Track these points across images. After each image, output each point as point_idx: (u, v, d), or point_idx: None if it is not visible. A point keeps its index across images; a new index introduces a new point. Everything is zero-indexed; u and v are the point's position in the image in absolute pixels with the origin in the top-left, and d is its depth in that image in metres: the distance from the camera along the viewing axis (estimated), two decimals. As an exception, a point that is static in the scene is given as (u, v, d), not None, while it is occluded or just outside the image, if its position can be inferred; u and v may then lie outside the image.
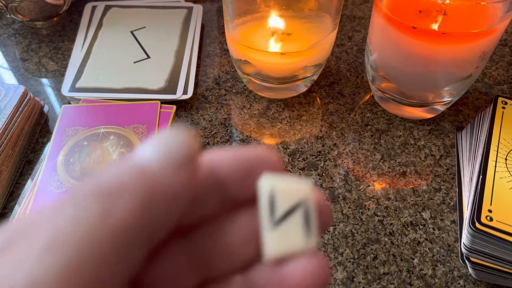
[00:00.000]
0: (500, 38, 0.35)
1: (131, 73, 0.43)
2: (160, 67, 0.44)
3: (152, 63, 0.45)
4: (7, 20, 0.53)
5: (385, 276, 0.30)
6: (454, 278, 0.30)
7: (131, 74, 0.43)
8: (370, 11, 0.54)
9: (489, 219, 0.28)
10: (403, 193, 0.35)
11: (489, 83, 0.45)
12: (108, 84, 0.42)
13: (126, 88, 0.42)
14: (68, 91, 0.42)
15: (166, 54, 0.46)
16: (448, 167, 0.37)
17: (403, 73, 0.36)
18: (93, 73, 0.43)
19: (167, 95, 0.41)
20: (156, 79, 0.43)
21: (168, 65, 0.44)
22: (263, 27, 0.39)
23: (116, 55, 0.45)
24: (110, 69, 0.44)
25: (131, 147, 0.35)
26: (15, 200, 0.35)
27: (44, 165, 0.34)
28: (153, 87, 0.42)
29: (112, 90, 0.42)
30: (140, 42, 0.47)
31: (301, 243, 0.13)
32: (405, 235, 0.33)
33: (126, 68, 0.44)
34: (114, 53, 0.46)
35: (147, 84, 0.42)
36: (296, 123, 0.41)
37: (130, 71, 0.44)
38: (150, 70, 0.44)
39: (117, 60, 0.45)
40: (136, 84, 0.42)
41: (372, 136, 0.40)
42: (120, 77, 0.43)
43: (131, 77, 0.43)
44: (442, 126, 0.40)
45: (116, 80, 0.43)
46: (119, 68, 0.44)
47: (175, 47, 0.47)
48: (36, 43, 0.50)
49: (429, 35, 0.32)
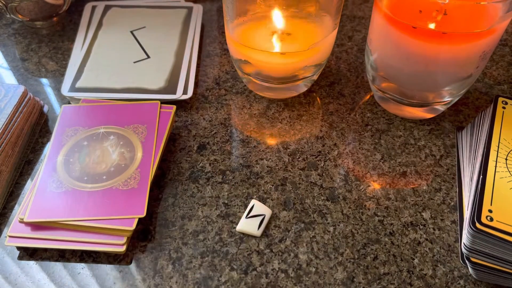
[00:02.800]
0: (501, 38, 0.35)
1: (131, 73, 0.43)
2: (160, 67, 0.44)
3: (152, 63, 0.45)
4: (7, 20, 0.53)
5: (385, 276, 0.30)
6: (454, 278, 0.30)
7: (131, 74, 0.43)
8: (370, 11, 0.54)
9: (489, 219, 0.28)
10: (403, 193, 0.35)
11: (490, 83, 0.45)
12: (108, 84, 0.42)
13: (126, 88, 0.42)
14: (68, 91, 0.42)
15: (166, 54, 0.46)
16: (448, 167, 0.37)
17: (403, 73, 0.36)
18: (92, 73, 0.43)
19: (167, 95, 0.41)
20: (156, 79, 0.43)
21: (168, 65, 0.44)
22: (263, 27, 0.39)
23: (115, 55, 0.45)
24: (109, 69, 0.44)
25: (131, 147, 0.35)
26: (15, 200, 0.35)
27: (44, 165, 0.34)
28: (153, 87, 0.42)
29: (112, 90, 0.41)
30: (140, 42, 0.47)
31: (254, 231, 0.32)
32: (405, 235, 0.33)
33: (126, 68, 0.44)
34: (114, 53, 0.46)
35: (147, 84, 0.42)
36: (296, 123, 0.41)
37: (130, 71, 0.44)
38: (150, 70, 0.44)
39: (116, 60, 0.45)
40: (136, 84, 0.42)
41: (372, 136, 0.40)
42: (120, 77, 0.43)
43: (131, 77, 0.43)
44: (442, 126, 0.40)
45: (115, 80, 0.43)
46: (119, 68, 0.44)
47: (175, 47, 0.47)
48: (36, 43, 0.50)
49: (429, 35, 0.32)
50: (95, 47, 0.47)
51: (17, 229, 0.31)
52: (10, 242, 0.31)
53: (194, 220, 0.33)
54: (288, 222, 0.33)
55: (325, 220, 0.33)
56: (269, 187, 0.35)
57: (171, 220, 0.33)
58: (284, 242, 0.32)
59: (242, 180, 0.36)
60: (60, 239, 0.31)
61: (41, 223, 0.31)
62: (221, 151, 0.38)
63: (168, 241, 0.32)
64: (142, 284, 0.30)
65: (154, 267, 0.31)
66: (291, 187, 0.35)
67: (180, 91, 0.42)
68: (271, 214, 0.33)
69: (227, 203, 0.34)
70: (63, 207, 0.31)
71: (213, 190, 0.35)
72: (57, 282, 0.30)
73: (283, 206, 0.34)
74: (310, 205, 0.34)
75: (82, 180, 0.33)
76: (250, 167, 0.37)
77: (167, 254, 0.31)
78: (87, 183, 0.33)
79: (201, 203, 0.34)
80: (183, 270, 0.31)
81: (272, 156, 0.38)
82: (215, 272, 0.30)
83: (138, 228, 0.33)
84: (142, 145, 0.36)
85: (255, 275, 0.30)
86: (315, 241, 0.32)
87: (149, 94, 0.41)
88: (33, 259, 0.31)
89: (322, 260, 0.31)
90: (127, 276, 0.30)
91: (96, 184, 0.33)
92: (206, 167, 0.37)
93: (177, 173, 0.36)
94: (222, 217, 0.33)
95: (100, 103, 0.39)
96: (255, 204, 0.34)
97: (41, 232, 0.31)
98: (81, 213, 0.31)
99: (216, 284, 0.30)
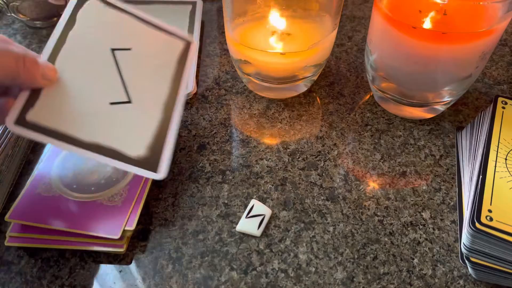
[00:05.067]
0: (500, 38, 0.35)
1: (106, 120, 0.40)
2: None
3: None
4: (7, 20, 0.53)
5: (385, 276, 0.30)
6: (454, 278, 0.30)
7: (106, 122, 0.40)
8: (370, 11, 0.54)
9: (489, 219, 0.28)
10: (403, 193, 0.35)
11: (489, 83, 0.45)
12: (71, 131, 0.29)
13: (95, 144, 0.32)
14: (14, 122, 0.26)
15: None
16: (448, 167, 0.37)
17: (403, 73, 0.36)
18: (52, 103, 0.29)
19: (144, 171, 0.40)
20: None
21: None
22: (263, 27, 0.39)
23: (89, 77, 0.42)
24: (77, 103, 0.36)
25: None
26: (15, 200, 0.35)
27: (40, 166, 0.34)
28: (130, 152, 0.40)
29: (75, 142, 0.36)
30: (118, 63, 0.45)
31: (254, 231, 0.32)
32: (405, 235, 0.33)
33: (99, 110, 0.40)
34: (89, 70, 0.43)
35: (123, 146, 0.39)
36: (296, 123, 0.41)
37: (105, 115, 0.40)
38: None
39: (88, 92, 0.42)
40: (108, 142, 0.39)
41: (372, 136, 0.40)
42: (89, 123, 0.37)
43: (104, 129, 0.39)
44: (442, 126, 0.40)
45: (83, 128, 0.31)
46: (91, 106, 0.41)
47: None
48: (36, 43, 0.50)
49: (429, 35, 0.32)
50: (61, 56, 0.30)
51: (17, 229, 0.31)
52: (10, 242, 0.31)
53: (194, 220, 0.33)
54: (288, 222, 0.33)
55: (325, 220, 0.33)
56: (269, 187, 0.35)
57: (171, 220, 0.33)
58: (284, 242, 0.32)
59: (242, 180, 0.36)
60: (60, 239, 0.31)
61: (21, 224, 0.31)
62: (221, 151, 0.38)
63: (168, 241, 0.32)
64: (142, 284, 0.30)
65: (154, 267, 0.31)
66: (291, 187, 0.35)
67: (163, 169, 0.30)
68: (271, 214, 0.33)
69: (227, 203, 0.34)
70: (46, 213, 0.31)
71: (213, 190, 0.35)
72: (57, 282, 0.30)
73: (283, 206, 0.34)
74: (310, 205, 0.34)
75: (71, 187, 0.33)
76: (250, 167, 0.37)
77: (167, 254, 0.31)
78: (74, 192, 0.33)
79: (201, 203, 0.34)
80: (183, 270, 0.31)
81: (272, 156, 0.38)
82: (215, 272, 0.30)
83: (138, 228, 0.33)
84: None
85: (255, 275, 0.30)
86: (315, 241, 0.32)
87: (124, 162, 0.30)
88: (33, 259, 0.31)
89: (322, 260, 0.31)
90: (127, 276, 0.30)
91: (83, 194, 0.33)
92: (206, 167, 0.37)
93: (177, 173, 0.36)
94: (222, 217, 0.33)
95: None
96: (255, 204, 0.34)
97: (41, 232, 0.31)
98: (59, 223, 0.31)
99: (216, 284, 0.30)
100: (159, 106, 0.32)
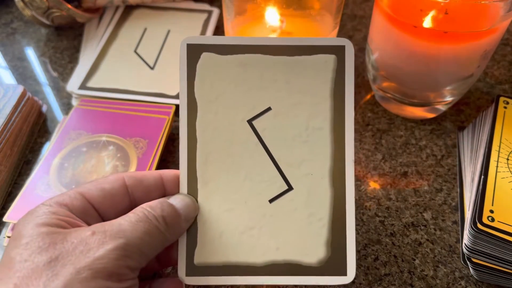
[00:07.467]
0: (502, 37, 0.35)
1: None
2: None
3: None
4: (6, 20, 0.52)
5: (386, 277, 0.30)
6: (455, 279, 0.30)
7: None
8: (371, 10, 0.53)
9: (490, 219, 0.28)
10: (404, 194, 0.35)
11: (491, 83, 0.44)
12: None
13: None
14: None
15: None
16: (449, 167, 0.37)
17: (404, 72, 0.36)
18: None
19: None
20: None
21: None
22: (263, 26, 0.39)
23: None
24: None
25: (127, 161, 0.35)
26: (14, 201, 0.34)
27: (39, 166, 0.34)
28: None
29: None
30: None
31: None
32: (406, 235, 0.32)
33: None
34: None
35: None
36: (296, 123, 0.40)
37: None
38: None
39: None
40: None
41: (373, 136, 0.39)
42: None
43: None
44: (443, 126, 0.40)
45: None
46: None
47: None
48: (35, 42, 0.49)
49: (430, 34, 0.32)
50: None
51: (16, 230, 0.31)
52: (9, 243, 0.31)
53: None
54: (288, 223, 0.33)
55: (326, 220, 0.33)
56: (269, 187, 0.35)
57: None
58: (284, 243, 0.32)
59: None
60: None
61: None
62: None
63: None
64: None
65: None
66: (291, 187, 0.35)
67: (352, 268, 0.25)
68: None
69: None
70: None
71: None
72: (56, 283, 0.30)
73: (283, 206, 0.34)
74: (311, 205, 0.34)
75: (70, 188, 0.33)
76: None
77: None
78: None
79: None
80: (183, 271, 0.30)
81: (272, 156, 0.38)
82: (215, 273, 0.30)
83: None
84: (138, 162, 0.35)
85: (255, 276, 0.30)
86: (315, 242, 0.32)
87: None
88: (32, 259, 0.31)
89: (323, 260, 0.31)
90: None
91: None
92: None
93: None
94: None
95: (107, 109, 0.38)
96: None
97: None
98: None
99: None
100: (326, 179, 0.24)
